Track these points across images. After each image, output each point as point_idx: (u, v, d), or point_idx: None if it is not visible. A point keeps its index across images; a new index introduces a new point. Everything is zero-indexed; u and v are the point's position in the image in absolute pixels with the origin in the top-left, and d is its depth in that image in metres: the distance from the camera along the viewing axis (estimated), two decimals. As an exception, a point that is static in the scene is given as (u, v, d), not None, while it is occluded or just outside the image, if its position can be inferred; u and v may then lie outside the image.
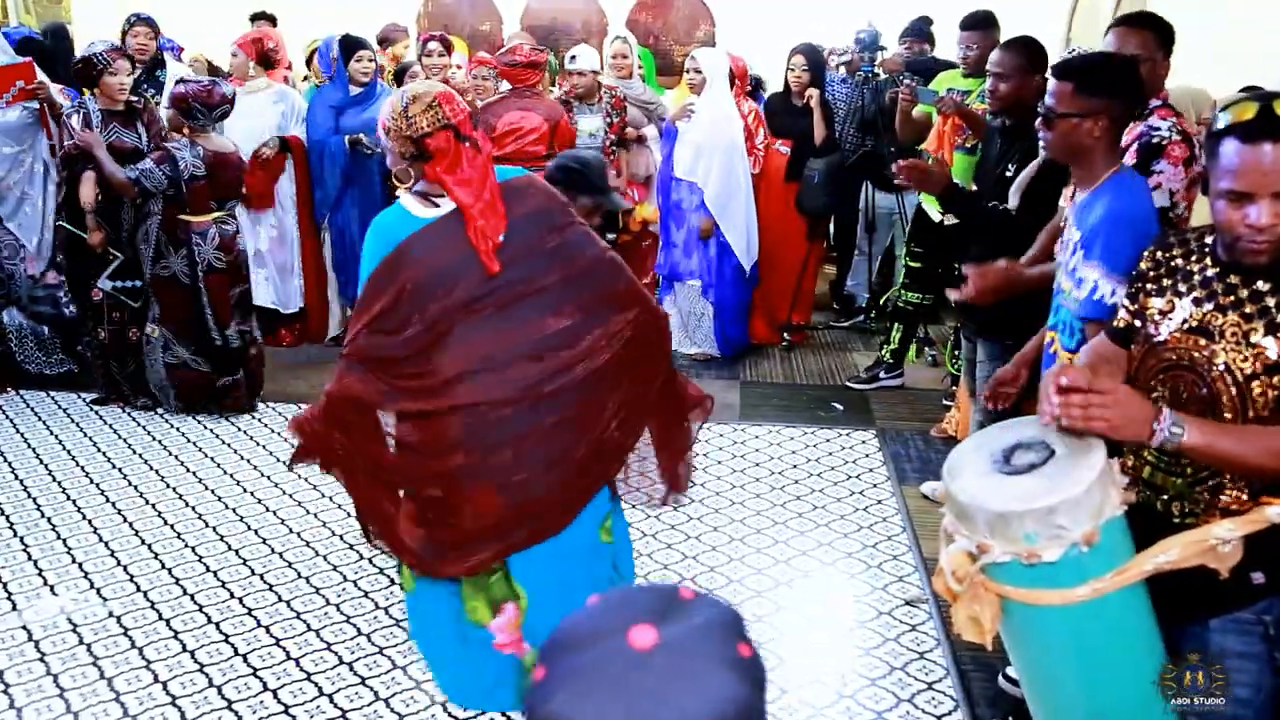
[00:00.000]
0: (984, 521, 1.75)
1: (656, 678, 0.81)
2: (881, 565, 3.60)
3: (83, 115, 4.79)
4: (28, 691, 2.86)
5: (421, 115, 2.54)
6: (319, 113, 5.74)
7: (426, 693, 2.88)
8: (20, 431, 4.71)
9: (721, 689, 0.81)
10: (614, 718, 0.79)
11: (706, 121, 5.61)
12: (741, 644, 0.85)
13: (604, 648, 0.84)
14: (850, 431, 4.80)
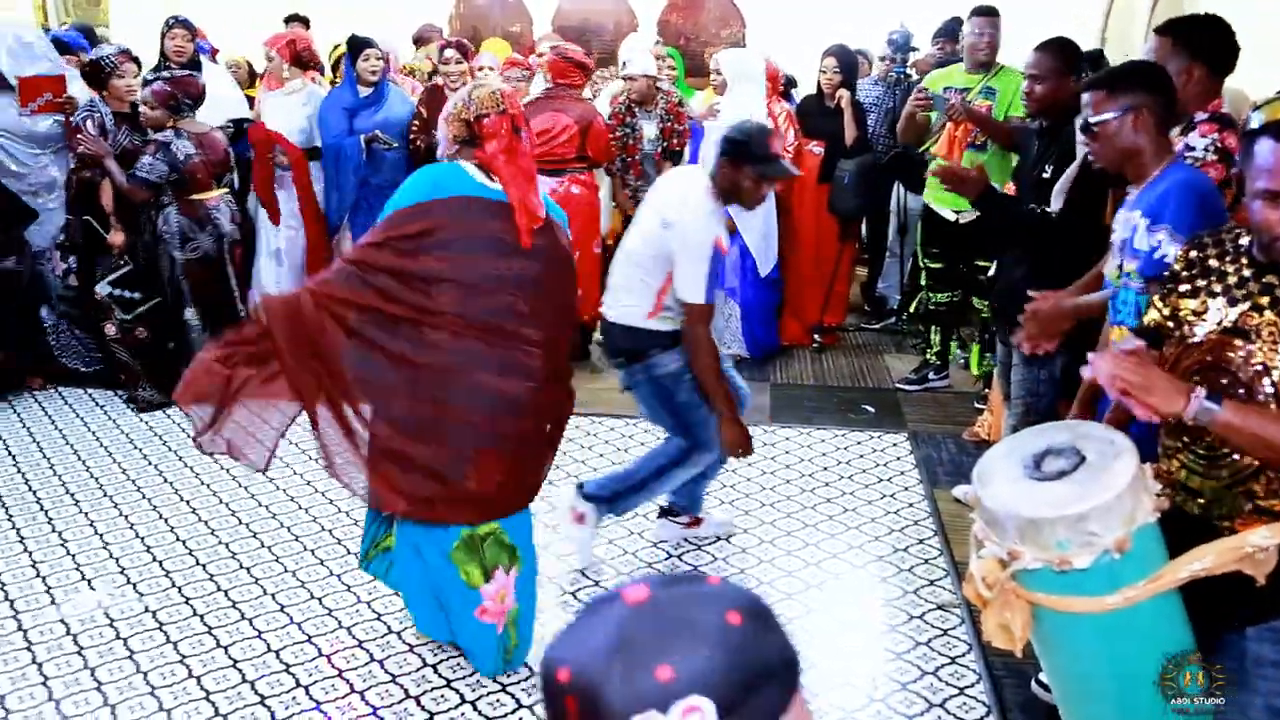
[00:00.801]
0: (1015, 528, 1.73)
1: (635, 626, 0.85)
2: (913, 569, 3.58)
3: (96, 119, 4.83)
4: (66, 685, 2.90)
5: (485, 99, 2.77)
6: (331, 116, 5.75)
7: (457, 690, 2.89)
8: (59, 427, 4.78)
9: (692, 645, 0.83)
10: (588, 655, 0.85)
11: (727, 122, 5.61)
12: (732, 613, 0.86)
13: (602, 603, 0.90)
14: (882, 434, 4.78)
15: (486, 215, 2.74)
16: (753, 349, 5.86)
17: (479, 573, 2.85)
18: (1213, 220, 2.26)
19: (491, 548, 2.86)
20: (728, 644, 0.84)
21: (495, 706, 2.83)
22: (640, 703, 0.81)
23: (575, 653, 0.86)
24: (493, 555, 2.86)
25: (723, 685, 0.82)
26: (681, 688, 0.81)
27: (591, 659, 0.84)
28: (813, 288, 6.03)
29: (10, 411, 4.97)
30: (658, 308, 3.37)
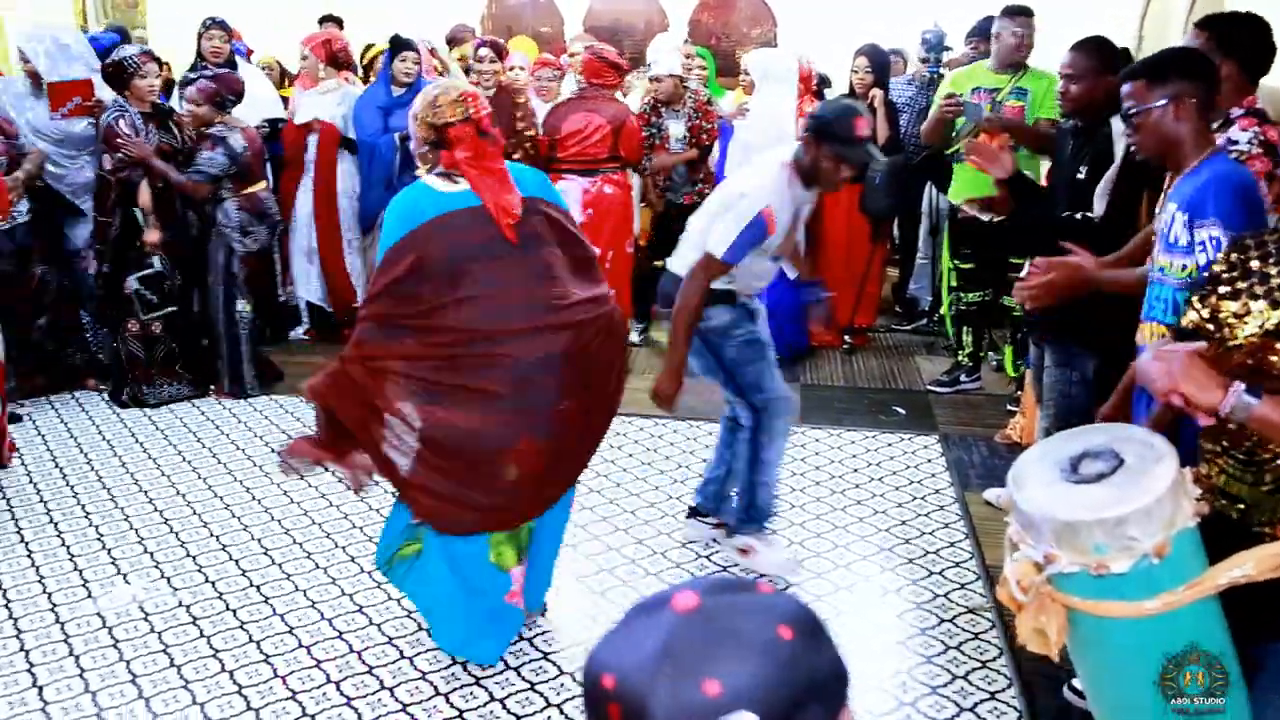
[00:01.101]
0: (1051, 531, 1.72)
1: (684, 636, 0.83)
2: (943, 572, 3.55)
3: (128, 119, 4.85)
4: (102, 677, 2.94)
5: (449, 106, 2.82)
6: (366, 114, 5.79)
7: (486, 688, 2.90)
8: (96, 424, 4.84)
9: (741, 659, 0.81)
10: (635, 663, 0.83)
11: (754, 122, 5.63)
12: (783, 626, 0.84)
13: (651, 608, 0.88)
14: (912, 436, 4.75)
15: (466, 224, 2.76)
16: (781, 350, 5.84)
17: (514, 555, 2.90)
18: (1254, 213, 2.24)
19: (525, 534, 2.92)
20: (777, 659, 0.82)
21: (524, 705, 2.84)
22: (685, 716, 0.80)
23: (621, 659, 0.84)
24: (525, 539, 2.93)
25: (770, 701, 0.80)
26: (728, 703, 0.79)
27: (638, 667, 0.83)
28: (844, 289, 5.99)
29: (50, 409, 5.04)
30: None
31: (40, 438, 4.68)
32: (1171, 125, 2.38)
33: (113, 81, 4.96)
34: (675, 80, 5.72)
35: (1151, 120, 2.39)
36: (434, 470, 2.74)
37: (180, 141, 5.01)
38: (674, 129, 5.75)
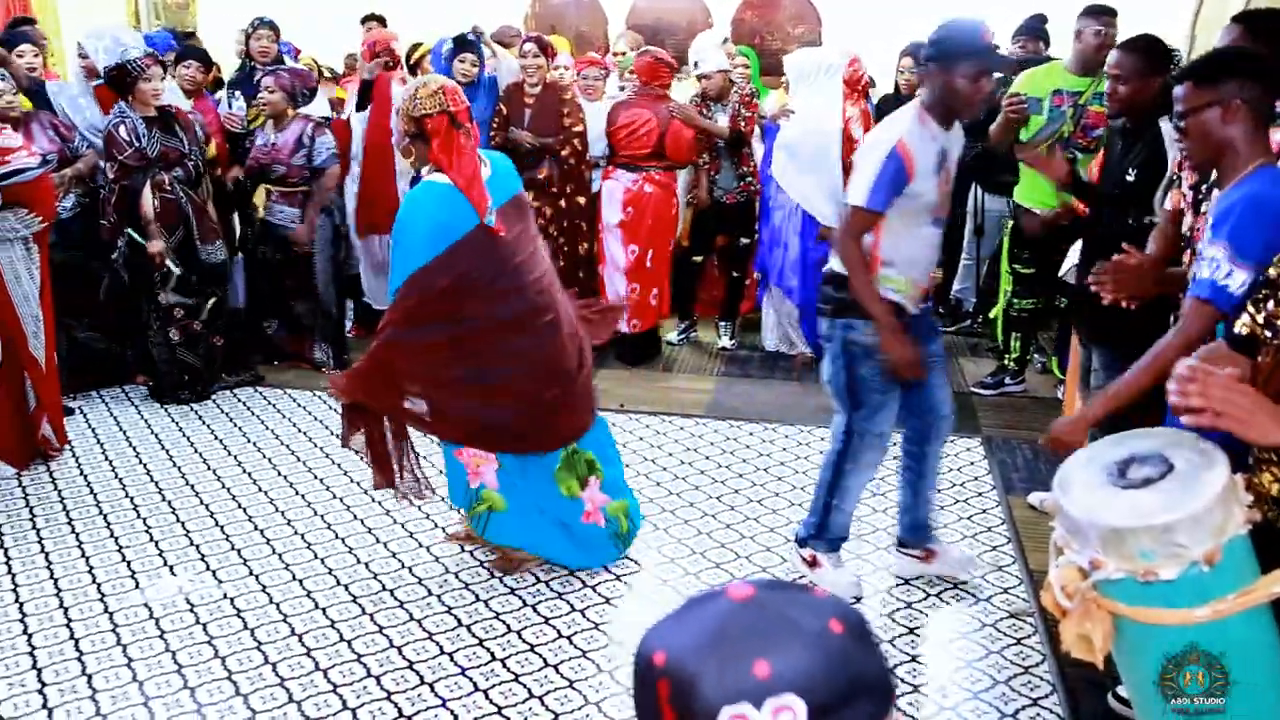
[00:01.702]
0: (1097, 537, 1.69)
1: (737, 620, 0.84)
2: (985, 576, 3.51)
3: (128, 125, 4.77)
4: (149, 666, 2.99)
5: (427, 99, 3.07)
6: None
7: (524, 685, 2.91)
8: (145, 419, 4.92)
9: (792, 646, 0.82)
10: (686, 643, 0.84)
11: (796, 122, 5.60)
12: (835, 621, 0.85)
13: (706, 596, 0.89)
14: (955, 438, 4.69)
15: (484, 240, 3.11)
16: (817, 349, 5.82)
17: (575, 485, 3.37)
18: (1272, 240, 2.09)
19: (580, 464, 3.38)
20: (828, 650, 0.82)
21: (563, 701, 2.85)
22: (734, 695, 0.80)
23: (673, 639, 0.86)
24: (582, 469, 3.38)
25: (818, 689, 0.80)
26: (777, 685, 0.80)
27: (689, 646, 0.84)
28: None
29: (100, 404, 5.13)
30: (873, 264, 3.07)
31: (90, 431, 4.77)
32: (1220, 131, 2.27)
33: (116, 85, 4.84)
34: (724, 76, 5.69)
35: (1198, 123, 2.29)
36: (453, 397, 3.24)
37: (186, 145, 4.92)
38: (722, 123, 5.74)
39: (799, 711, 0.80)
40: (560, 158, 5.73)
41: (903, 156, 2.95)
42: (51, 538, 3.76)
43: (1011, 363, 5.20)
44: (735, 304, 6.15)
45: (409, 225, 3.13)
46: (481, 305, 3.14)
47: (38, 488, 4.18)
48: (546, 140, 5.69)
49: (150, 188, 4.81)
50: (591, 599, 3.36)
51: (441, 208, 3.08)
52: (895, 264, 3.07)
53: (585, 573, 3.51)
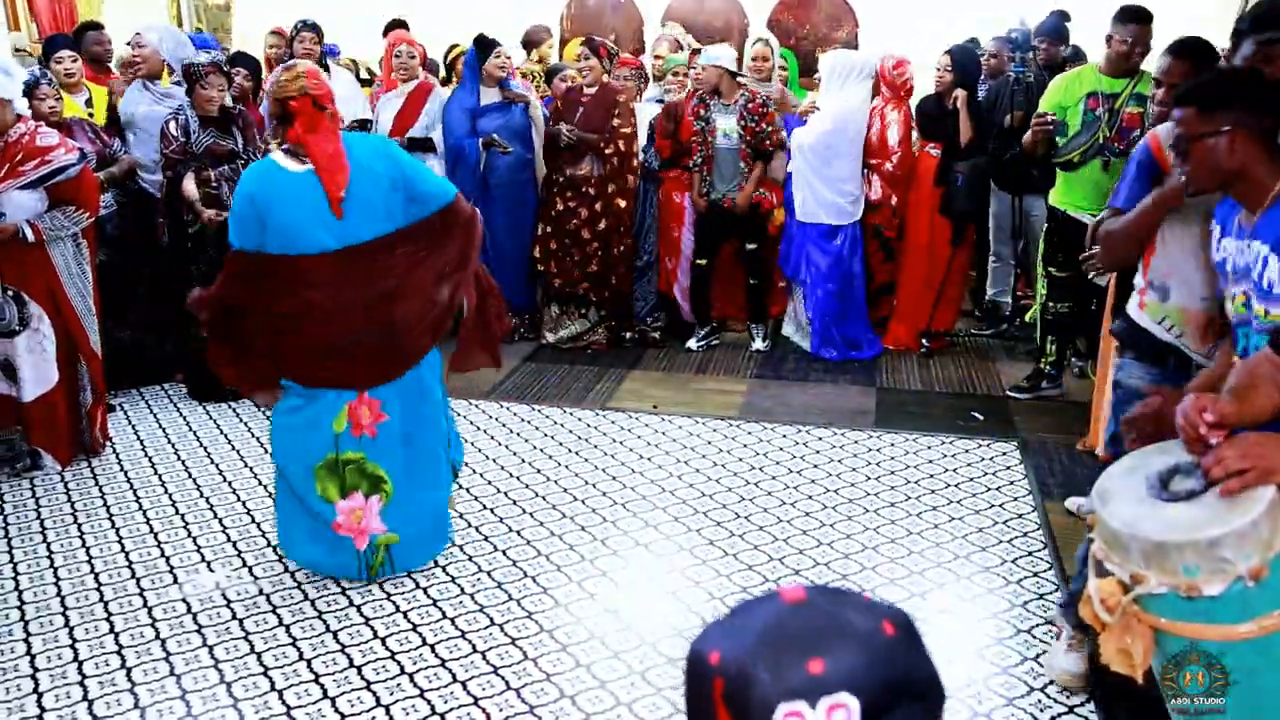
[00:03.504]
0: (1139, 551, 1.66)
1: (791, 621, 0.86)
2: (1021, 581, 3.48)
3: (181, 121, 4.92)
4: (186, 660, 3.03)
5: (290, 82, 3.22)
6: (454, 117, 5.87)
7: (555, 684, 2.92)
8: (184, 416, 4.99)
9: (845, 645, 0.83)
10: (741, 642, 0.85)
11: (813, 123, 5.61)
12: (887, 623, 0.86)
13: (759, 599, 0.91)
14: (990, 442, 4.66)
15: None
16: (837, 350, 5.82)
17: (335, 491, 3.35)
18: None
19: (349, 472, 3.36)
20: (880, 650, 0.83)
21: (594, 701, 2.85)
22: (788, 693, 0.81)
23: (728, 638, 0.86)
24: (353, 479, 3.36)
25: (871, 689, 0.81)
26: (831, 683, 0.81)
27: (744, 645, 0.85)
28: (923, 292, 5.92)
29: (140, 401, 5.20)
30: (1143, 288, 2.82)
31: (131, 428, 4.84)
32: (1228, 160, 2.17)
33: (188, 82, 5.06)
34: (719, 71, 5.63)
35: (1203, 152, 2.20)
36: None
37: (240, 145, 5.02)
38: (721, 122, 5.67)
39: (853, 709, 0.80)
40: (604, 157, 5.74)
41: (1153, 150, 2.86)
42: (92, 532, 3.82)
43: (1048, 366, 5.14)
44: (761, 307, 6.05)
45: (238, 190, 3.28)
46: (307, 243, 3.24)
47: (79, 482, 4.24)
48: (589, 136, 5.71)
49: (193, 180, 4.89)
50: (622, 600, 3.36)
51: (255, 181, 3.23)
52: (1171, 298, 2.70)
53: (605, 576, 3.52)
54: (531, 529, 3.84)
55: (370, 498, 3.38)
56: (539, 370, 5.71)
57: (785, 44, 7.62)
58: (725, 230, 5.87)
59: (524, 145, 5.92)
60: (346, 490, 3.36)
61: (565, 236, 5.89)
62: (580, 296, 6.00)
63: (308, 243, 3.20)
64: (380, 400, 3.34)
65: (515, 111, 5.89)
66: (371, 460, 3.36)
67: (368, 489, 3.37)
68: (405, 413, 3.39)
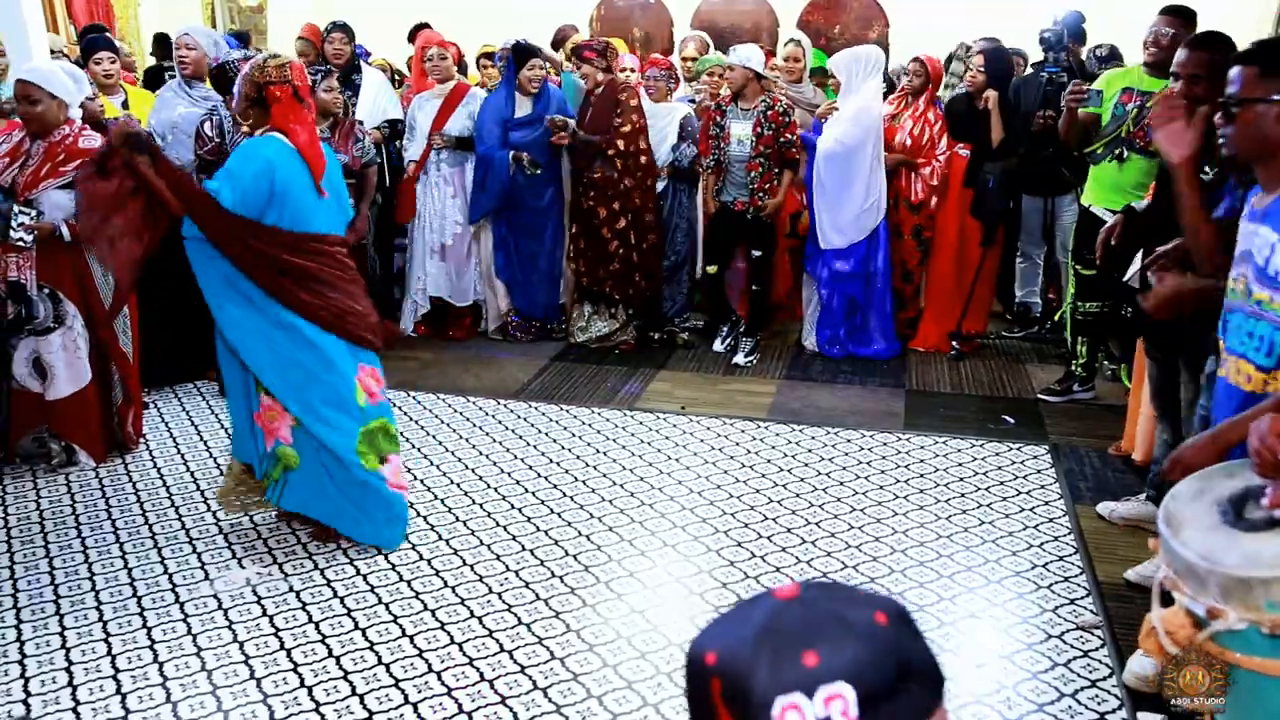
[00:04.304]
0: (1218, 584, 1.58)
1: (784, 616, 0.87)
2: (1052, 586, 3.45)
3: (215, 121, 4.96)
4: (217, 656, 3.05)
5: (274, 69, 3.41)
6: (488, 127, 5.89)
7: (582, 684, 2.92)
8: (215, 414, 5.04)
9: (839, 637, 0.84)
10: (736, 640, 0.86)
11: (831, 125, 5.59)
12: (879, 613, 0.87)
13: (752, 599, 0.92)
14: (1021, 446, 4.62)
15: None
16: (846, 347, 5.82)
17: (375, 459, 3.58)
18: None
19: (380, 439, 3.59)
20: (874, 639, 0.84)
21: (620, 702, 2.85)
22: (785, 686, 0.82)
23: (723, 638, 0.88)
24: (381, 444, 3.60)
25: (867, 678, 0.82)
26: (826, 674, 0.81)
27: (739, 643, 0.86)
28: (953, 294, 5.88)
29: (174, 400, 5.26)
30: None
31: (164, 425, 4.89)
32: (1274, 128, 2.10)
33: (217, 85, 5.14)
34: (747, 73, 5.60)
35: (1251, 115, 2.12)
36: None
37: None
38: (736, 128, 5.62)
39: (850, 699, 0.81)
40: (607, 157, 5.74)
41: None
42: (126, 528, 3.86)
43: (1079, 369, 5.09)
44: (755, 320, 5.93)
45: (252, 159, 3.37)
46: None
47: (114, 479, 4.30)
48: (591, 138, 5.72)
49: None
50: (649, 601, 3.36)
51: (278, 155, 3.37)
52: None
53: (632, 576, 3.52)
54: (559, 529, 3.85)
55: (398, 455, 3.70)
56: (567, 370, 5.72)
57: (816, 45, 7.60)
58: (735, 235, 5.81)
59: (555, 157, 5.95)
60: (384, 456, 3.61)
61: (591, 235, 5.90)
62: (607, 296, 6.01)
63: (317, 222, 3.48)
64: (377, 367, 3.68)
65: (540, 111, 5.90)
66: (391, 421, 3.68)
67: (395, 447, 3.68)
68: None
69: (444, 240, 6.10)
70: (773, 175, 5.62)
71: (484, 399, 5.24)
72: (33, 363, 4.25)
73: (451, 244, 6.13)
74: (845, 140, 5.50)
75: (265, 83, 3.39)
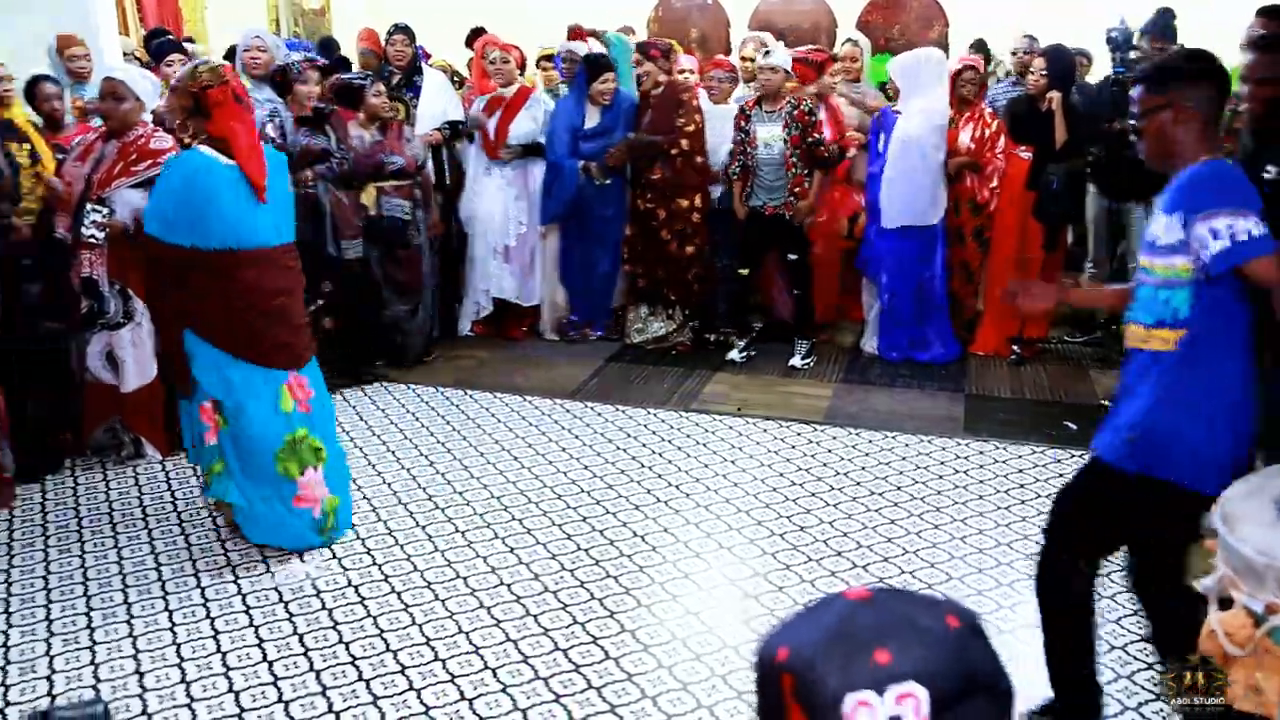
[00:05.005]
0: (1275, 579, 1.57)
1: (856, 616, 0.87)
2: (1115, 597, 3.38)
3: (276, 123, 5.07)
4: (278, 648, 3.11)
5: (208, 73, 3.38)
6: (559, 136, 5.93)
7: (637, 685, 2.93)
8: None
9: (910, 637, 0.84)
10: (808, 638, 0.87)
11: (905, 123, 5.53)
12: (951, 617, 0.86)
13: (823, 599, 0.93)
14: (1083, 452, 4.52)
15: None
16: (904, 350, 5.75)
17: (295, 468, 3.53)
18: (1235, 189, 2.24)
19: (305, 450, 3.54)
20: (947, 643, 0.84)
21: (675, 703, 2.85)
22: (856, 683, 0.82)
23: (795, 635, 0.88)
24: (306, 456, 3.55)
25: (939, 680, 0.81)
26: (898, 673, 0.81)
27: (811, 641, 0.86)
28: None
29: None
30: None
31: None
32: (1165, 131, 2.35)
33: (277, 87, 5.26)
34: (782, 75, 5.55)
35: (1155, 125, 2.37)
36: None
37: (335, 145, 5.17)
38: (763, 132, 5.55)
39: (922, 699, 0.81)
40: (669, 158, 5.74)
41: None
42: (190, 520, 3.94)
43: None
44: (802, 321, 5.86)
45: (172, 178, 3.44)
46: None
47: (179, 471, 4.39)
48: (654, 139, 5.72)
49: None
50: (704, 603, 3.36)
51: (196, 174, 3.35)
52: None
53: (688, 578, 3.51)
54: (614, 529, 3.86)
55: (319, 469, 3.61)
56: (623, 371, 5.73)
57: (876, 45, 7.53)
58: (766, 240, 5.76)
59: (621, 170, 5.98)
60: (304, 466, 3.56)
61: (647, 236, 5.90)
62: (664, 297, 6.01)
63: (249, 233, 3.42)
64: (307, 376, 3.61)
65: (617, 136, 5.90)
66: (314, 435, 3.60)
67: (316, 461, 3.60)
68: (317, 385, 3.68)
69: (507, 241, 6.15)
70: (804, 178, 5.58)
71: (540, 398, 5.27)
72: (106, 356, 4.36)
73: (515, 245, 6.18)
74: (913, 133, 5.46)
75: (203, 88, 3.36)
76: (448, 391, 5.38)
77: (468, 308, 6.36)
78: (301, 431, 3.55)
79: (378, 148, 5.44)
